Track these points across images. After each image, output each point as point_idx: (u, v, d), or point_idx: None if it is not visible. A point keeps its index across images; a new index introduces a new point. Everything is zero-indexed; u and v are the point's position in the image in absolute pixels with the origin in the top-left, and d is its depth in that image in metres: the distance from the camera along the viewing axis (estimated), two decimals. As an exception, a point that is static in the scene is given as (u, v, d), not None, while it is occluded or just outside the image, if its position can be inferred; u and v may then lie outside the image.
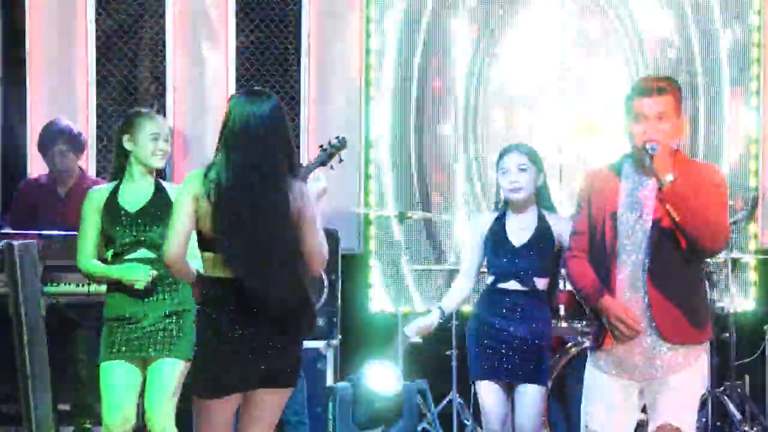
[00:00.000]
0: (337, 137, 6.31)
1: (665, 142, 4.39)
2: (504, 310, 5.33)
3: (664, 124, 4.41)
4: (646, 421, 4.66)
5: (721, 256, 7.15)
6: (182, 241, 4.29)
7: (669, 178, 4.32)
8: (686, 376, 4.46)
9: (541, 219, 5.36)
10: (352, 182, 7.76)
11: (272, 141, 4.33)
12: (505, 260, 5.34)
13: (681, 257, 4.43)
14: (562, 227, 5.31)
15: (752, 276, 8.07)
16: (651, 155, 4.34)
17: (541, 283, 5.33)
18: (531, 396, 5.26)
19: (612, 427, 4.53)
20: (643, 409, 4.65)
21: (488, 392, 5.32)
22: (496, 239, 5.38)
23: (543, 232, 5.34)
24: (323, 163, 6.61)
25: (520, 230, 5.37)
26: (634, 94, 4.47)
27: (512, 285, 5.33)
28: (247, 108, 4.33)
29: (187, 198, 4.29)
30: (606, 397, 4.53)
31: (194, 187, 4.29)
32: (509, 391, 5.32)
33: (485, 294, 5.44)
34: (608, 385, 4.53)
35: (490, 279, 5.42)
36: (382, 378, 6.81)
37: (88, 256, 5.29)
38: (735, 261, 7.31)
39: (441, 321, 5.49)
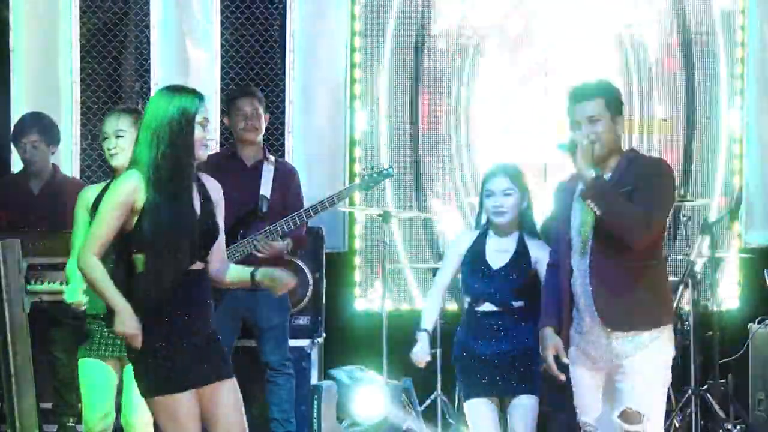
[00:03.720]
0: (387, 168, 6.36)
1: (596, 141, 4.58)
2: (483, 333, 5.26)
3: (597, 126, 4.61)
4: None
5: (706, 255, 7.16)
6: None
7: (590, 173, 4.51)
8: (639, 360, 4.59)
9: (520, 243, 5.32)
10: (337, 181, 7.75)
11: None
12: (479, 283, 5.29)
13: (623, 251, 4.56)
14: (539, 254, 5.28)
15: (736, 275, 8.09)
16: (567, 154, 4.57)
17: (517, 303, 5.31)
18: (524, 407, 5.23)
19: (598, 415, 4.71)
20: None
21: (479, 412, 5.25)
22: (474, 260, 5.33)
23: (521, 256, 5.29)
24: (367, 189, 6.68)
25: (498, 252, 5.33)
26: (571, 100, 4.69)
27: (487, 307, 5.29)
28: None
29: None
30: (585, 388, 4.74)
31: None
32: (502, 406, 5.29)
33: (465, 318, 5.39)
34: (583, 376, 4.74)
35: (467, 301, 5.40)
36: (368, 404, 6.83)
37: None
38: (719, 260, 7.32)
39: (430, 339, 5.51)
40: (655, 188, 4.60)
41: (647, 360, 4.61)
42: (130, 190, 4.31)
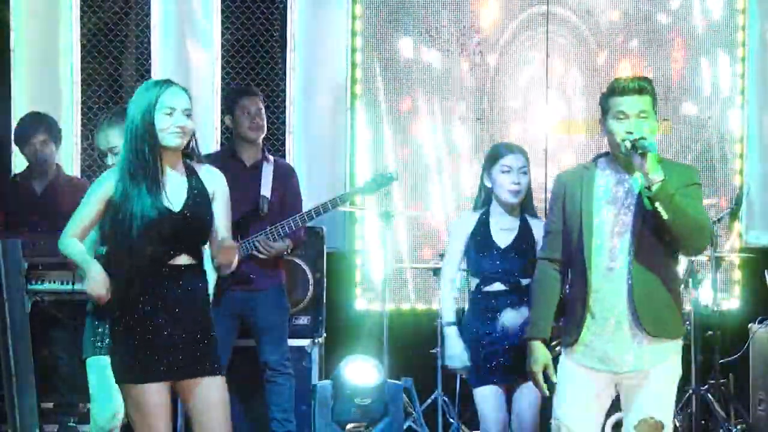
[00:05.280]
0: (389, 172, 6.35)
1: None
2: (492, 314, 5.29)
3: (645, 124, 4.45)
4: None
5: (706, 255, 7.16)
6: None
7: (660, 176, 4.34)
8: (666, 369, 4.53)
9: (523, 221, 5.35)
10: (338, 181, 7.75)
11: None
12: (489, 262, 5.31)
13: (663, 254, 4.49)
14: (541, 232, 5.30)
15: (736, 274, 8.09)
16: (644, 152, 4.35)
17: (525, 281, 5.32)
18: (530, 393, 5.25)
19: (584, 420, 4.57)
20: (615, 406, 4.70)
21: (486, 398, 5.27)
22: (481, 241, 5.35)
23: (526, 234, 5.32)
24: (370, 193, 6.67)
25: (503, 231, 5.34)
26: (615, 93, 4.50)
27: (497, 287, 5.30)
28: None
29: None
30: (582, 391, 4.57)
31: None
32: (509, 393, 5.30)
33: (473, 301, 5.40)
34: (586, 378, 4.56)
35: (474, 284, 5.39)
36: (363, 372, 6.80)
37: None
38: (719, 259, 7.32)
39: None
40: (698, 196, 4.55)
41: (671, 370, 4.55)
42: (105, 186, 4.53)
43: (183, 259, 4.46)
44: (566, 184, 4.66)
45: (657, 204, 4.35)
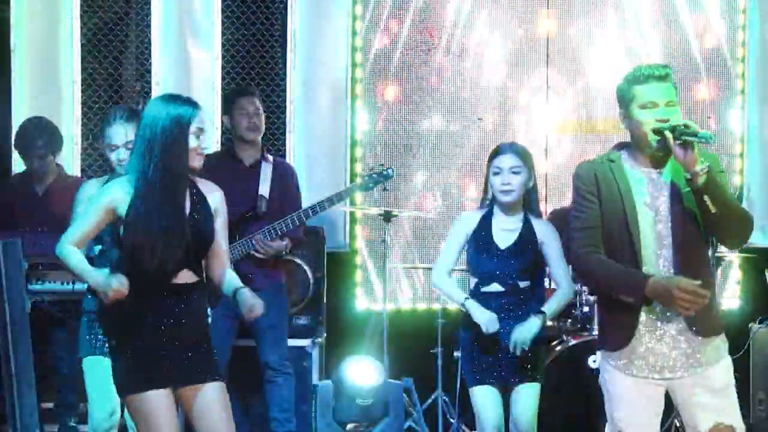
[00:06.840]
0: (386, 169, 6.37)
1: None
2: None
3: (674, 112, 4.19)
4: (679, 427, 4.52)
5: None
6: None
7: (705, 166, 4.05)
8: (724, 367, 4.28)
9: (526, 222, 5.35)
10: (337, 180, 7.75)
11: None
12: (488, 262, 5.32)
13: (702, 249, 4.27)
14: (545, 232, 5.31)
15: (737, 274, 8.09)
16: (686, 142, 4.04)
17: (522, 283, 5.32)
18: (527, 394, 5.27)
19: (647, 429, 4.31)
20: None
21: (483, 397, 5.29)
22: (481, 240, 5.35)
23: (527, 235, 5.33)
24: (367, 190, 6.68)
25: (505, 232, 5.35)
26: (639, 81, 4.21)
27: (495, 287, 5.32)
28: None
29: None
30: (635, 400, 4.30)
31: None
32: (505, 392, 5.31)
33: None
34: (636, 387, 4.30)
35: (473, 282, 5.41)
36: (364, 372, 6.81)
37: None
38: (719, 259, 7.32)
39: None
40: (727, 183, 4.29)
41: (730, 366, 4.29)
42: (113, 196, 4.43)
43: (185, 275, 4.45)
44: (597, 177, 4.26)
45: (705, 197, 4.07)
